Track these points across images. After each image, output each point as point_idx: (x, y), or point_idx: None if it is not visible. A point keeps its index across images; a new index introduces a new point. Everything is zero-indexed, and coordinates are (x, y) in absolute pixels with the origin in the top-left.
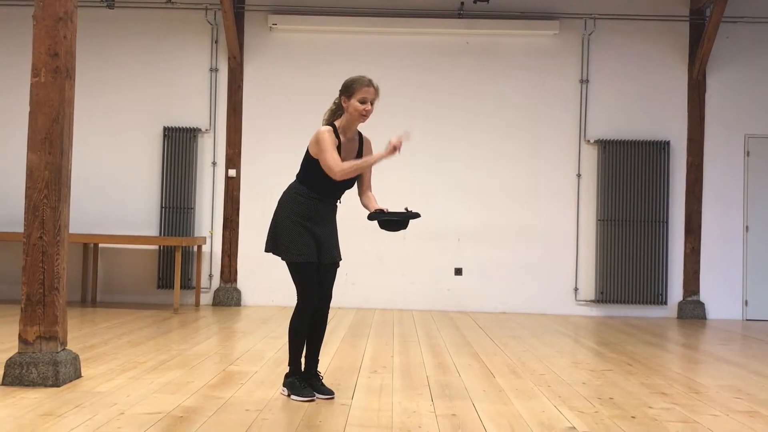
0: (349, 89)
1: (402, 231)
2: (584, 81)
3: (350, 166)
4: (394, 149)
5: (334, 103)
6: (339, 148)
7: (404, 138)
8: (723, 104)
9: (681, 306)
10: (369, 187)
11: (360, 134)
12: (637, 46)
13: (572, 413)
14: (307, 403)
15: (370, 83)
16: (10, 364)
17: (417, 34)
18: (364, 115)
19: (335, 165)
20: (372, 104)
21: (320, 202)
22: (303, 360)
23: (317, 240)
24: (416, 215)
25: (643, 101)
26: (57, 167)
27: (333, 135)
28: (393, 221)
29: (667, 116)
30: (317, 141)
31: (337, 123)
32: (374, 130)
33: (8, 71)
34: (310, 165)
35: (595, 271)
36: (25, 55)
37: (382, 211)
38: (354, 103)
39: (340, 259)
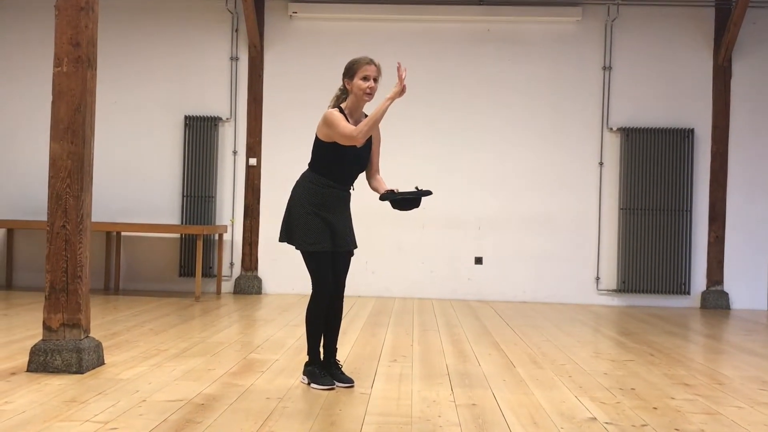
0: (350, 70)
1: (421, 218)
2: (607, 68)
3: (365, 123)
4: (401, 89)
5: (339, 89)
6: None
7: (403, 71)
8: (749, 91)
9: (704, 296)
10: (377, 170)
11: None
12: (661, 32)
13: (593, 404)
14: (326, 392)
15: (370, 61)
16: (35, 351)
17: (438, 22)
18: (368, 93)
19: (352, 131)
20: (375, 81)
21: (333, 189)
22: (321, 349)
23: (331, 228)
24: (428, 192)
25: (667, 88)
26: (79, 156)
27: (341, 114)
28: (406, 200)
29: (691, 103)
30: (325, 121)
31: (343, 106)
32: (392, 119)
33: (32, 61)
34: (320, 151)
35: (617, 260)
36: (49, 45)
37: (392, 191)
38: (357, 82)
39: (355, 247)
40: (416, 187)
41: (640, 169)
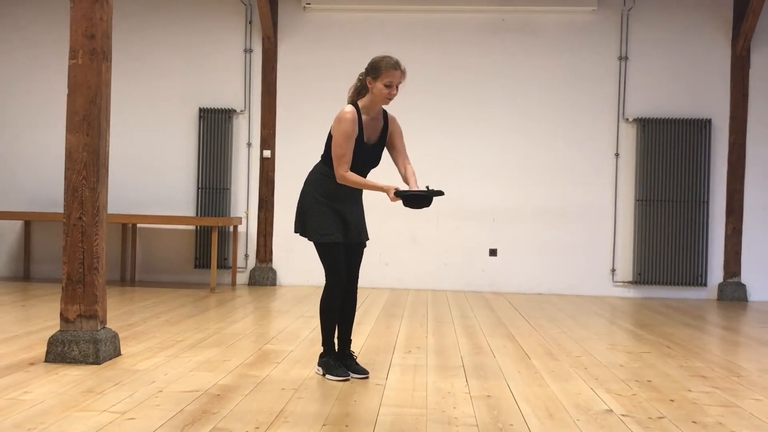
0: (375, 70)
1: (435, 210)
2: (623, 58)
3: (355, 180)
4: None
5: (359, 79)
6: (361, 130)
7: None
8: (767, 81)
9: (721, 288)
10: (406, 158)
11: (385, 113)
12: (678, 21)
13: (609, 396)
14: (341, 383)
15: (397, 66)
16: (52, 342)
17: (452, 12)
18: (388, 98)
19: (341, 165)
20: (397, 88)
21: None
22: (336, 340)
23: (344, 220)
24: (439, 193)
25: (684, 78)
26: (95, 148)
27: (354, 121)
28: (417, 198)
29: (708, 93)
30: (337, 123)
31: (360, 102)
32: (406, 112)
33: (49, 54)
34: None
35: (633, 251)
36: (65, 37)
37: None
38: (379, 85)
39: (368, 239)
40: (427, 187)
41: (656, 161)
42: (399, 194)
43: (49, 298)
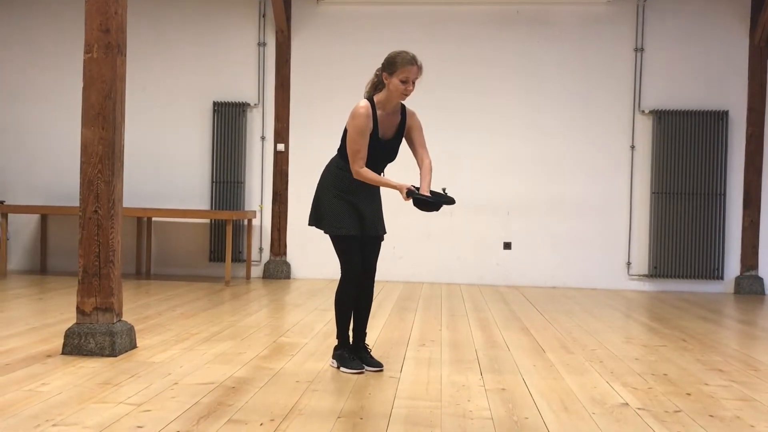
0: (391, 66)
1: (450, 205)
2: (639, 49)
3: (369, 176)
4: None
5: (375, 74)
6: (376, 125)
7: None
8: None
9: (738, 281)
10: (425, 154)
11: (403, 107)
12: (695, 11)
13: (625, 389)
14: (356, 375)
15: (413, 61)
16: (69, 334)
17: (467, 4)
18: (404, 94)
19: (356, 161)
20: (414, 83)
21: None
22: (351, 333)
23: (360, 213)
24: (451, 201)
25: (701, 69)
26: (110, 142)
27: (368, 116)
28: (427, 202)
29: (726, 85)
30: (351, 118)
31: (376, 98)
32: (421, 105)
33: (66, 49)
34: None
35: (649, 244)
36: (81, 32)
37: (418, 189)
38: (395, 81)
39: (384, 233)
40: (443, 189)
41: (672, 153)
42: (410, 195)
43: (66, 291)
